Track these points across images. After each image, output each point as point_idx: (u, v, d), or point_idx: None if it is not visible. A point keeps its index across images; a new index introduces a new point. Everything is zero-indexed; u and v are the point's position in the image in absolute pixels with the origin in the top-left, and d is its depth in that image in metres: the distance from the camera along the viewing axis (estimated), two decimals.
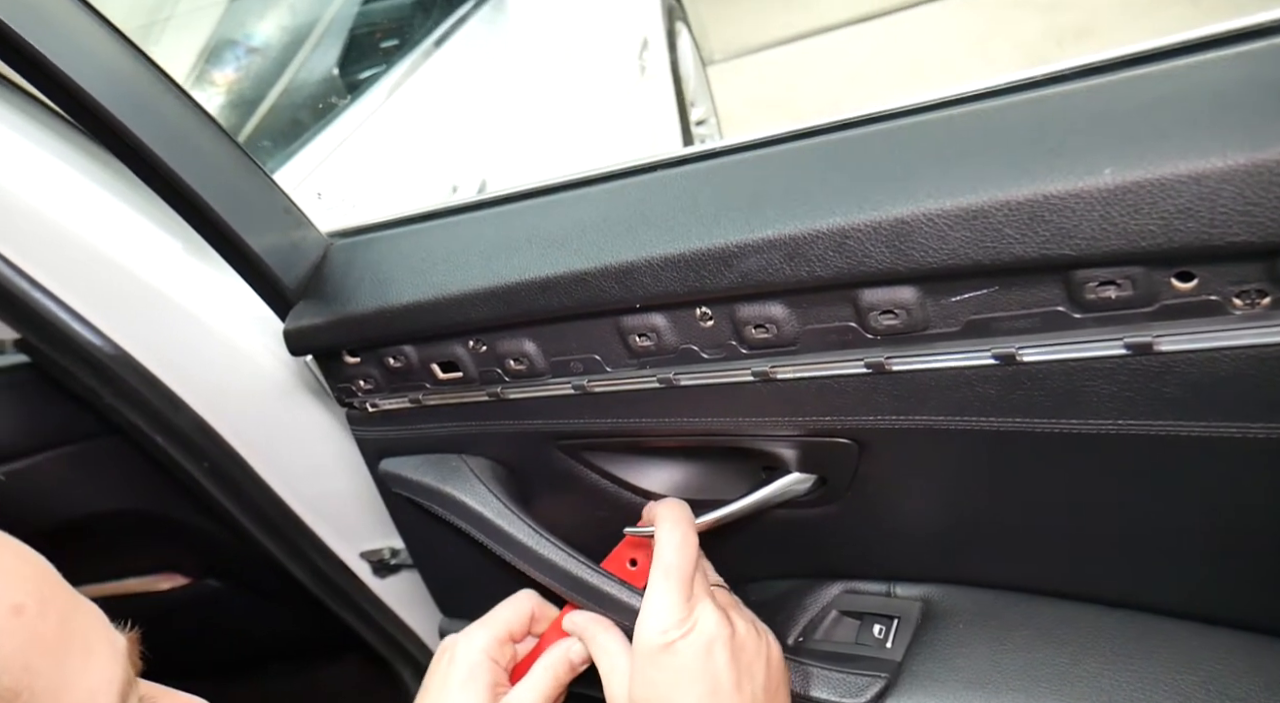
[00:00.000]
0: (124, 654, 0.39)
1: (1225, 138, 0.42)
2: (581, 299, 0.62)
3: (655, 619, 0.59)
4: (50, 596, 0.37)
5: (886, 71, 3.38)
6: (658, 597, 0.60)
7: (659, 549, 0.62)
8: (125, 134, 0.63)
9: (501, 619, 0.69)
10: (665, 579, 0.61)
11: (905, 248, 0.51)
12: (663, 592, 0.60)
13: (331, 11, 1.57)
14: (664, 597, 0.60)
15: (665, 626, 0.59)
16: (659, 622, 0.59)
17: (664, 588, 0.60)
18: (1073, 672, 0.62)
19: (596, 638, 0.66)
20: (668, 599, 0.60)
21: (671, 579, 0.61)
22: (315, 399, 0.85)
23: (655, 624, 0.59)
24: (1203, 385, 0.48)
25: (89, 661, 0.37)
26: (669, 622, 0.59)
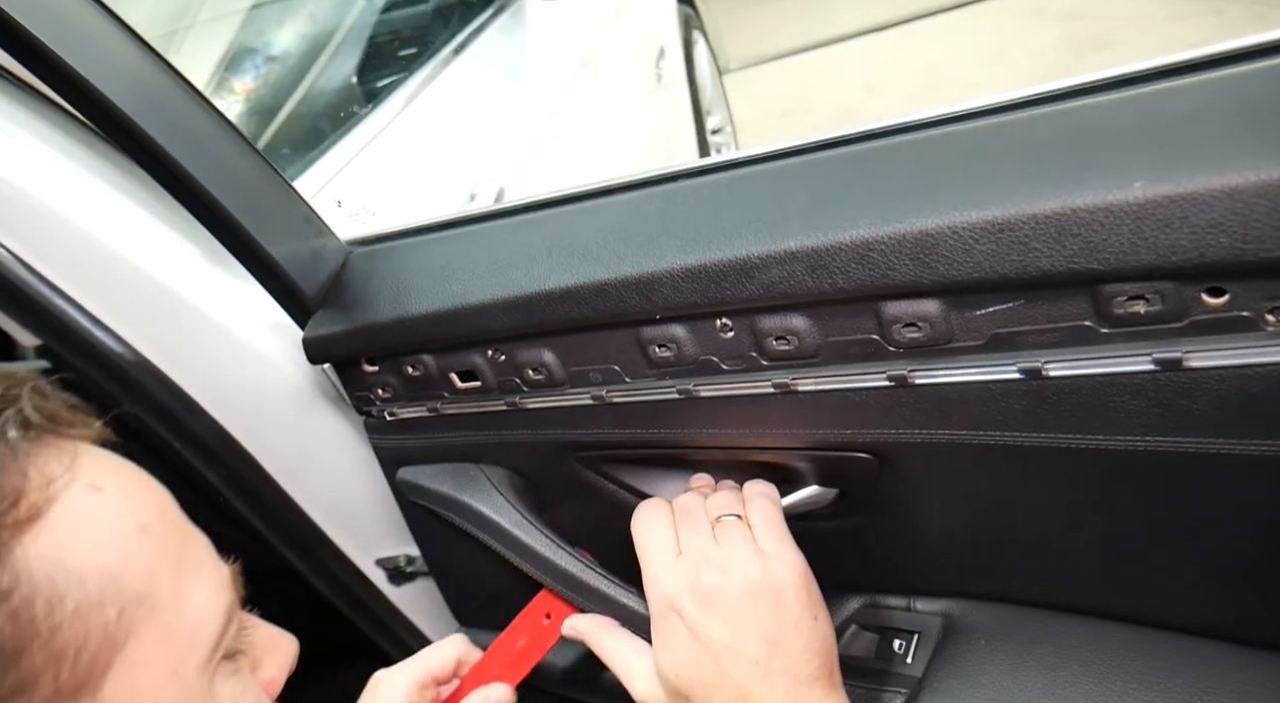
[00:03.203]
0: (229, 581, 0.45)
1: (1259, 152, 0.42)
2: (601, 309, 0.62)
3: (651, 588, 0.59)
4: (170, 519, 0.43)
5: (902, 81, 3.38)
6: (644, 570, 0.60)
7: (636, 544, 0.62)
8: (147, 141, 0.63)
9: (422, 663, 0.68)
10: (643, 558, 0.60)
11: (929, 260, 0.50)
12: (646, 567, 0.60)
13: (350, 20, 1.58)
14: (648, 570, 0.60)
15: (659, 593, 0.58)
16: (654, 591, 0.59)
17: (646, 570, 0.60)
18: (1096, 690, 0.61)
19: (605, 643, 0.65)
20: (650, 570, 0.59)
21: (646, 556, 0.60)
22: (333, 407, 0.85)
23: (653, 593, 0.59)
24: (1233, 402, 0.48)
25: (201, 581, 0.42)
26: (661, 590, 0.58)
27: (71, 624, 0.36)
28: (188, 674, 0.40)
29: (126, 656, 0.38)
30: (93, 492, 0.39)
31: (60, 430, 0.41)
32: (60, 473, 0.39)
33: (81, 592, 0.37)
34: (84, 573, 0.37)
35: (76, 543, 0.37)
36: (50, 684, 0.35)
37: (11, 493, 0.36)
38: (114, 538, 0.39)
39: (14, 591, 0.35)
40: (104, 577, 0.38)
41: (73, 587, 0.36)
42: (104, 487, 0.40)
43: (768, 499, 0.63)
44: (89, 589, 0.37)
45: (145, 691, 0.38)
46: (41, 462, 0.39)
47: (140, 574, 0.39)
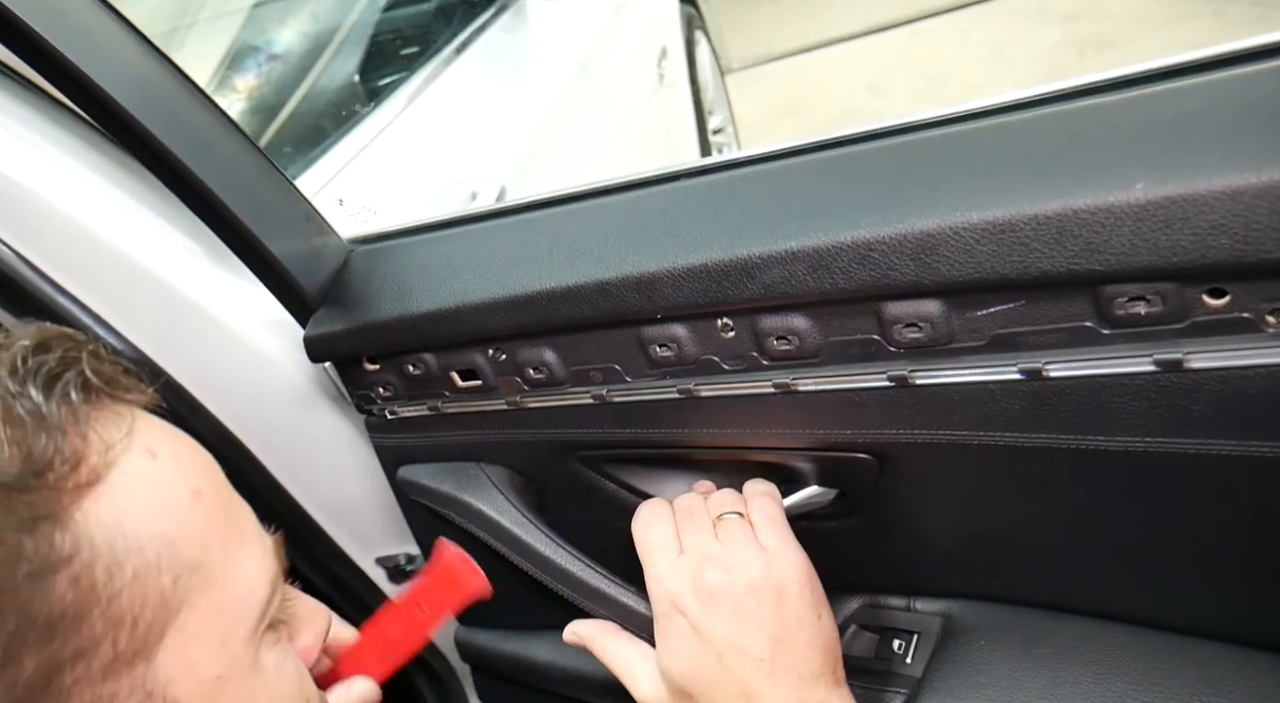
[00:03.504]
0: (273, 551, 0.45)
1: (1260, 153, 0.42)
2: (602, 309, 0.62)
3: (654, 587, 0.58)
4: (219, 486, 0.43)
5: (904, 81, 3.37)
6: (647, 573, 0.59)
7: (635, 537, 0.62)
8: (149, 139, 0.63)
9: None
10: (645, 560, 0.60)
11: (930, 261, 0.50)
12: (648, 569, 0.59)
13: (352, 19, 1.58)
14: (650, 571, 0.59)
15: (661, 594, 0.58)
16: (657, 590, 0.58)
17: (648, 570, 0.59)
18: (1097, 691, 0.61)
19: (608, 647, 0.65)
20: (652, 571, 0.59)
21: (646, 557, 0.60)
22: (334, 406, 0.85)
23: (656, 592, 0.58)
24: (1234, 403, 0.48)
25: (248, 549, 0.43)
26: (664, 589, 0.58)
27: (130, 591, 0.36)
28: (236, 643, 0.41)
29: (180, 624, 0.38)
30: (149, 457, 0.40)
31: (117, 395, 0.41)
32: (119, 437, 0.39)
33: (140, 558, 0.37)
34: (142, 539, 0.37)
35: (134, 508, 0.38)
36: (109, 651, 0.35)
37: (73, 457, 0.36)
38: (170, 504, 0.39)
39: (75, 556, 0.35)
40: (161, 543, 0.38)
41: (132, 553, 0.37)
42: (159, 452, 0.40)
43: (769, 498, 0.63)
44: (147, 555, 0.37)
45: (197, 659, 0.39)
46: (100, 426, 0.38)
47: (194, 541, 0.39)
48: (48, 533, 0.35)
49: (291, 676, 0.46)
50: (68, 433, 0.37)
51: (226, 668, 0.40)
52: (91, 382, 0.39)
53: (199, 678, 0.39)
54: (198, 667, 0.39)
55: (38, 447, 0.35)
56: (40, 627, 0.34)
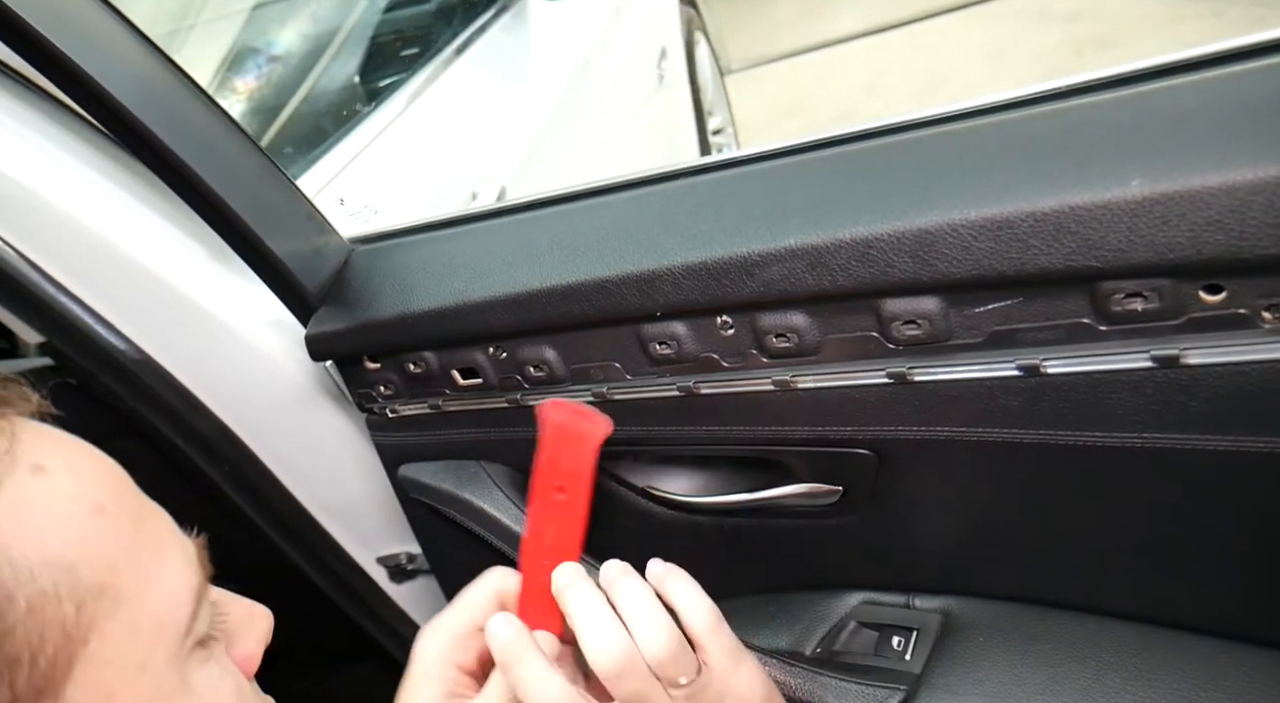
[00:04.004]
0: (195, 558, 0.40)
1: (1256, 150, 0.42)
2: (602, 307, 0.62)
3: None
4: (125, 497, 0.38)
5: (904, 82, 3.38)
6: None
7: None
8: (151, 139, 0.64)
9: (460, 614, 0.59)
10: None
11: (929, 258, 0.51)
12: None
13: (353, 20, 1.58)
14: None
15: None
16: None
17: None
18: (1095, 687, 0.61)
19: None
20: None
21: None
22: (335, 404, 0.85)
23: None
24: (1230, 399, 0.48)
25: (166, 563, 0.38)
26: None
27: (25, 625, 0.32)
28: (157, 666, 0.37)
29: (90, 654, 0.34)
30: (36, 473, 0.35)
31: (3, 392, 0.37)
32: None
33: (33, 587, 0.33)
34: (34, 567, 0.33)
35: (23, 533, 0.33)
36: (6, 694, 0.32)
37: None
38: (65, 524, 0.35)
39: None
40: (58, 569, 0.34)
41: (23, 583, 0.32)
42: (49, 467, 0.36)
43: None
44: (42, 584, 0.33)
45: (112, 690, 0.35)
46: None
47: (98, 562, 0.35)
48: None
49: (229, 695, 0.41)
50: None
51: (149, 695, 0.36)
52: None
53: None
54: (114, 698, 0.35)
55: None
56: None
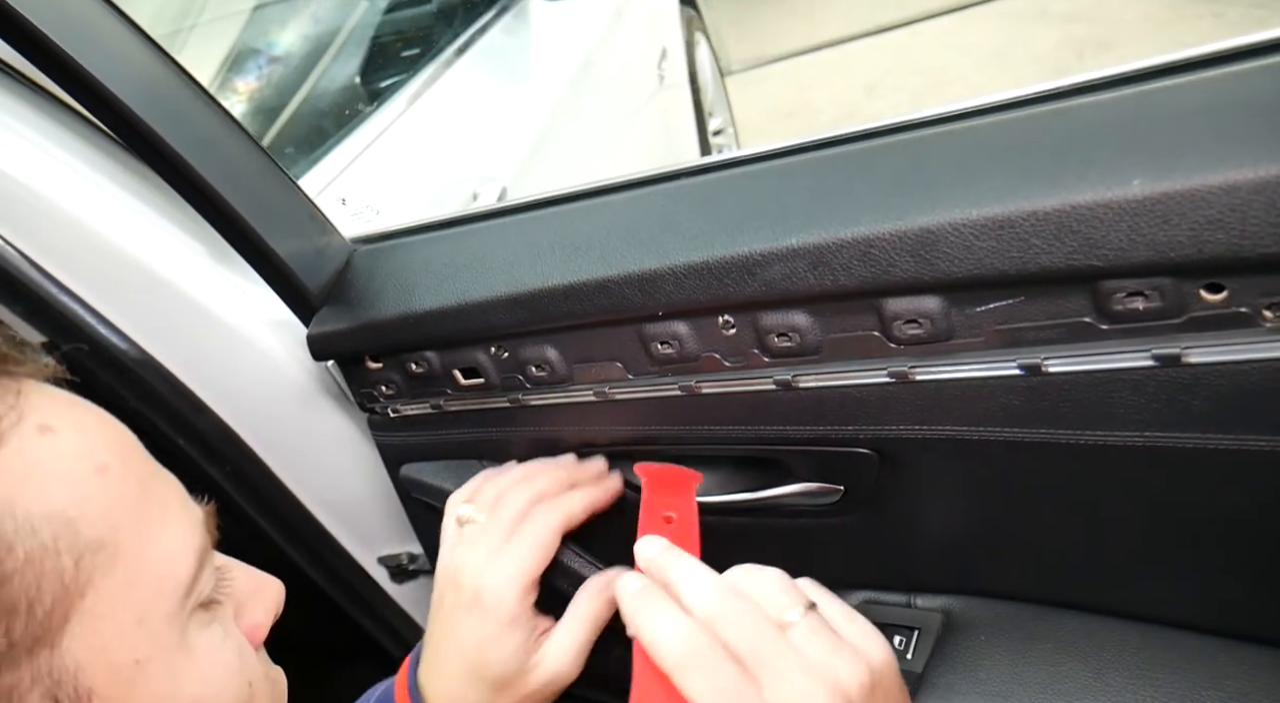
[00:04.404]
0: (201, 523, 0.41)
1: (1257, 149, 0.42)
2: (604, 306, 0.63)
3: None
4: (132, 459, 0.40)
5: (904, 83, 3.38)
6: None
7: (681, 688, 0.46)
8: (153, 139, 0.64)
9: (536, 555, 0.59)
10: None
11: (930, 257, 0.51)
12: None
13: (353, 20, 1.59)
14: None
15: None
16: None
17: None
18: (1096, 686, 0.61)
19: None
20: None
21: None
22: (337, 404, 0.85)
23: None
24: (1232, 398, 0.48)
25: (168, 524, 0.39)
26: None
27: (23, 575, 0.33)
28: (156, 623, 0.38)
29: (86, 607, 0.35)
30: (43, 432, 0.36)
31: (3, 368, 0.38)
32: (4, 413, 0.36)
33: (33, 540, 0.34)
34: (35, 520, 0.34)
35: (26, 488, 0.35)
36: (2, 641, 0.33)
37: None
38: (68, 481, 0.36)
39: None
40: (58, 523, 0.35)
41: (23, 535, 0.34)
42: (56, 426, 0.37)
43: (820, 588, 0.53)
44: (41, 537, 0.34)
45: (109, 643, 0.36)
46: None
47: (98, 519, 0.36)
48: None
49: (230, 658, 0.42)
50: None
51: (146, 651, 0.37)
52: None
53: (112, 663, 0.36)
54: (110, 651, 0.36)
55: None
56: None
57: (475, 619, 0.59)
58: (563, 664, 0.60)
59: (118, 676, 0.36)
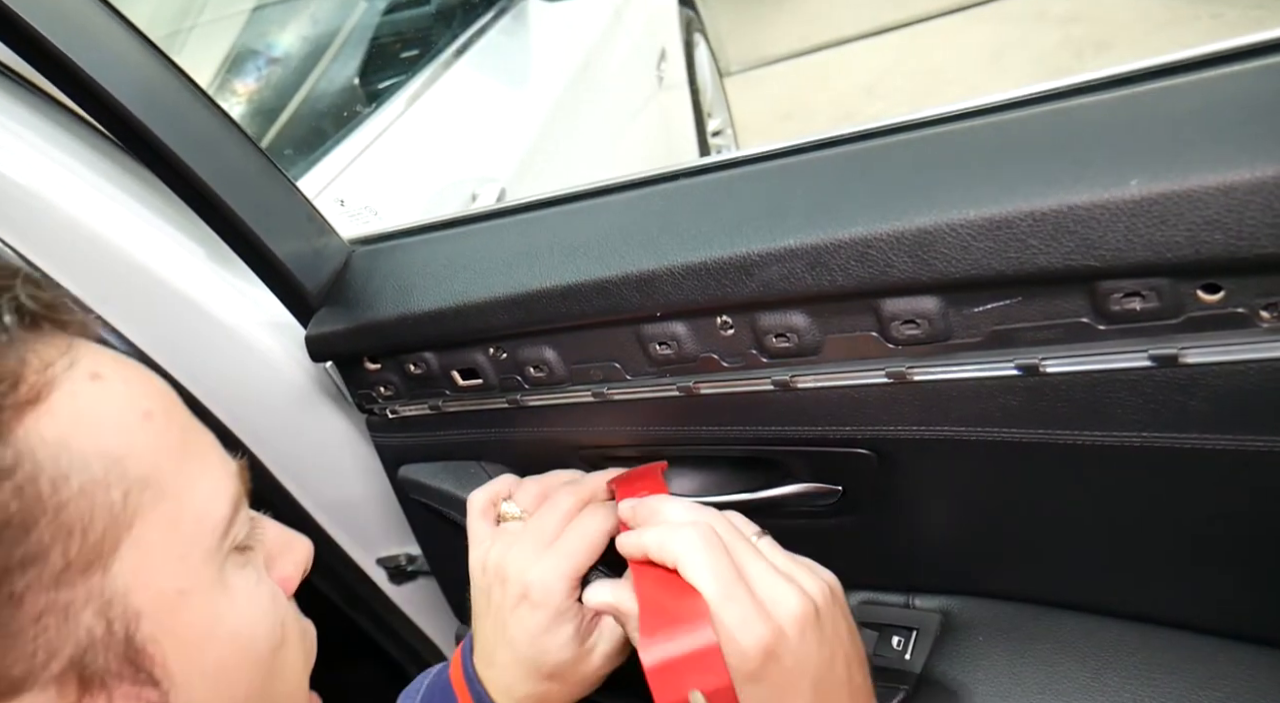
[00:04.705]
0: (236, 474, 0.45)
1: (1254, 149, 0.42)
2: (602, 307, 0.63)
3: (740, 641, 0.49)
4: (173, 409, 0.43)
5: (903, 84, 3.38)
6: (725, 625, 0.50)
7: (693, 579, 0.52)
8: (152, 141, 0.64)
9: (583, 557, 0.61)
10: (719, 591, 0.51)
11: (928, 258, 0.51)
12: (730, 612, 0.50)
13: (352, 22, 1.59)
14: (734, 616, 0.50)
15: (753, 647, 0.49)
16: (745, 642, 0.49)
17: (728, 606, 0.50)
18: (1094, 686, 0.61)
19: None
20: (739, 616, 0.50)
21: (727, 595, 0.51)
22: (335, 405, 0.85)
23: (744, 645, 0.49)
24: (1229, 398, 0.48)
25: (207, 469, 0.43)
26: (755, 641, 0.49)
27: (77, 503, 0.36)
28: (195, 559, 0.41)
29: (134, 537, 0.38)
30: (93, 380, 0.40)
31: (57, 320, 0.41)
32: (59, 359, 0.39)
33: (86, 473, 0.37)
34: (88, 456, 0.37)
35: (79, 427, 0.38)
36: (60, 560, 0.36)
37: (10, 376, 0.37)
38: (116, 424, 0.39)
39: (18, 468, 0.35)
40: (107, 460, 0.38)
41: (76, 468, 0.37)
42: (105, 375, 0.40)
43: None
44: (93, 471, 0.37)
45: (154, 571, 0.39)
46: (40, 348, 0.39)
47: (144, 459, 0.39)
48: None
49: (264, 599, 0.45)
50: (4, 355, 0.37)
51: (188, 582, 0.40)
52: (27, 307, 0.39)
53: (159, 590, 0.39)
54: (156, 579, 0.39)
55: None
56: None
57: (525, 613, 0.60)
58: (613, 651, 0.62)
59: (163, 602, 0.39)
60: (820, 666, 0.50)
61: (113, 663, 0.37)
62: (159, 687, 0.39)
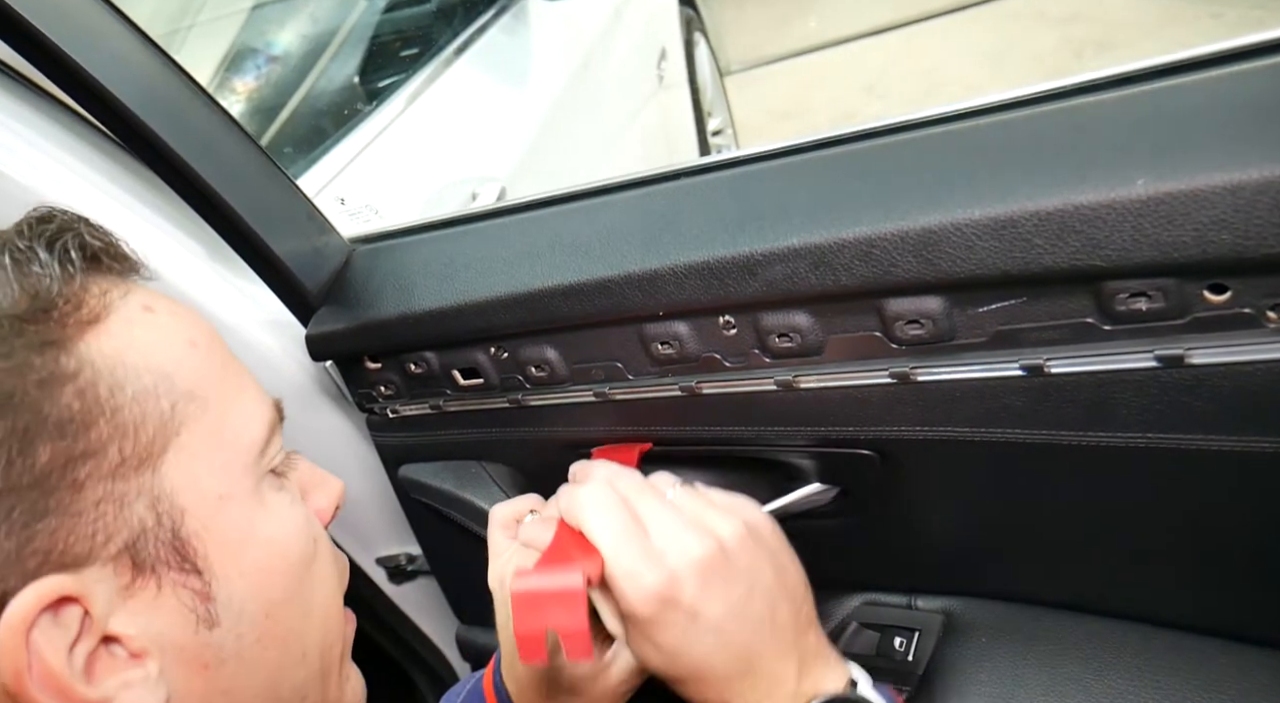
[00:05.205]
0: (271, 405, 0.50)
1: (1261, 149, 0.42)
2: (604, 306, 0.62)
3: (629, 590, 0.51)
4: (215, 342, 0.49)
5: (903, 83, 3.38)
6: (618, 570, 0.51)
7: (588, 533, 0.53)
8: (152, 139, 0.63)
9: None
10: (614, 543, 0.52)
11: (932, 257, 0.51)
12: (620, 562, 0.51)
13: (352, 20, 1.58)
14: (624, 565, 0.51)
15: (643, 594, 0.50)
16: (634, 592, 0.50)
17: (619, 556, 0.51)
18: (1096, 687, 0.61)
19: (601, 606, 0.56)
20: (629, 566, 0.51)
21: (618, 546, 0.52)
22: (335, 405, 0.85)
23: (632, 595, 0.50)
24: (1235, 399, 0.48)
25: (245, 393, 0.48)
26: (645, 588, 0.50)
27: (130, 408, 0.41)
28: (235, 470, 0.45)
29: (181, 442, 0.43)
30: (145, 310, 0.45)
31: (114, 257, 0.46)
32: (114, 289, 0.44)
33: (138, 383, 0.42)
34: (140, 370, 0.42)
35: (132, 346, 0.43)
36: (116, 455, 0.40)
37: (74, 298, 0.42)
38: (166, 346, 0.45)
39: (79, 373, 0.40)
40: (157, 375, 0.43)
41: (130, 379, 0.42)
42: (156, 308, 0.46)
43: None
44: (145, 382, 0.42)
45: (198, 476, 0.43)
46: (99, 280, 0.44)
47: (189, 377, 0.44)
48: (54, 355, 0.40)
49: (299, 517, 0.49)
50: (70, 281, 0.42)
51: (227, 489, 0.45)
52: (89, 244, 0.44)
53: (202, 492, 0.43)
54: (199, 482, 0.43)
55: (42, 288, 0.41)
56: (51, 426, 0.39)
57: None
58: (633, 665, 0.61)
59: (205, 504, 0.43)
60: (729, 606, 0.51)
61: (161, 552, 0.41)
62: (201, 577, 0.43)
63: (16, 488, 0.37)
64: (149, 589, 0.41)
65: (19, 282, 0.41)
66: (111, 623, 0.40)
